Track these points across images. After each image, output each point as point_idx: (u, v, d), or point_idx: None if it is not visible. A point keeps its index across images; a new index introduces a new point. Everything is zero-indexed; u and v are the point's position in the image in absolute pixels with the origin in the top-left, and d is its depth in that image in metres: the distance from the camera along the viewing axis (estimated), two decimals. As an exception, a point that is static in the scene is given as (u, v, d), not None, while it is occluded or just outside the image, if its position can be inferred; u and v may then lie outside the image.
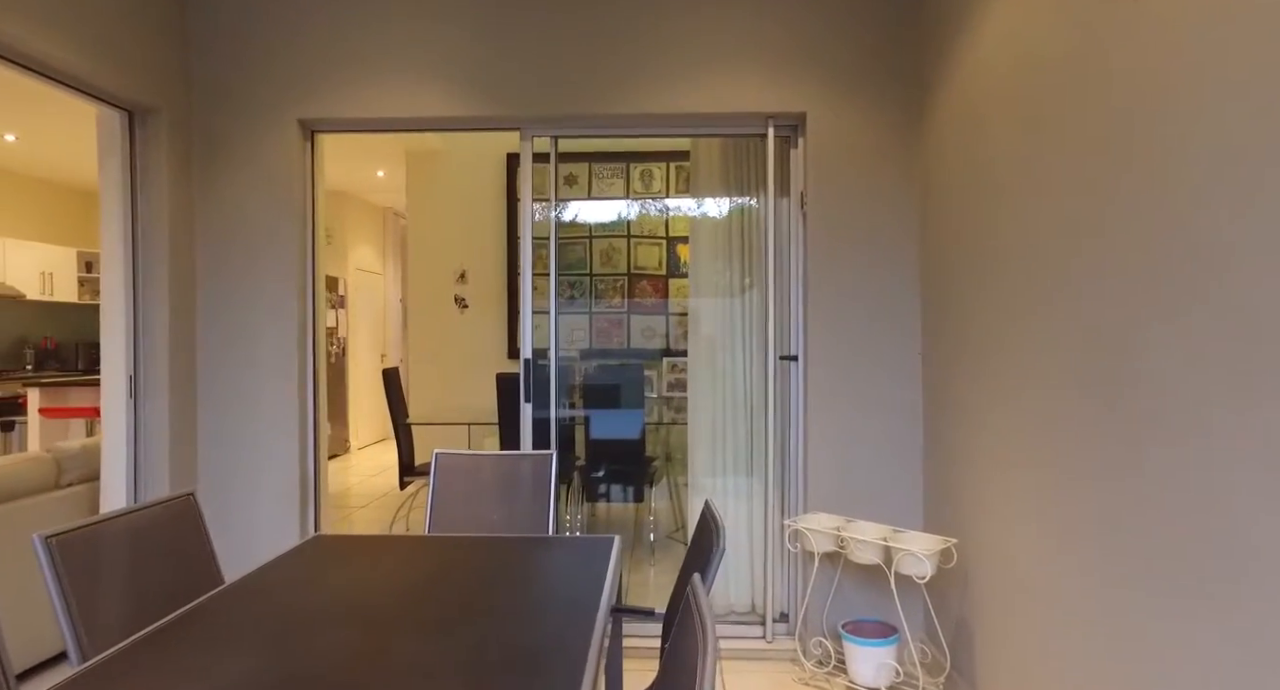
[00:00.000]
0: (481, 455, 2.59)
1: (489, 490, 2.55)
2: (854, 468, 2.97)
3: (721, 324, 3.34)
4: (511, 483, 2.55)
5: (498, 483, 2.56)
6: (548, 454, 2.56)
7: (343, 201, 7.90)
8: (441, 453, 2.58)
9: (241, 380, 3.04)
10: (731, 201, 3.35)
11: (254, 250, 3.04)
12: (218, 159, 3.04)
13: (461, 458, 2.58)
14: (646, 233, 6.23)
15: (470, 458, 2.58)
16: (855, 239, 2.97)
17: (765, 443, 3.13)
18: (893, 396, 2.96)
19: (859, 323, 2.97)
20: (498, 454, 2.59)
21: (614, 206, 6.17)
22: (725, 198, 3.36)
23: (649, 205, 6.21)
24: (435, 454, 2.58)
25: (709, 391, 3.35)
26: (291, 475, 3.04)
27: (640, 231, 6.21)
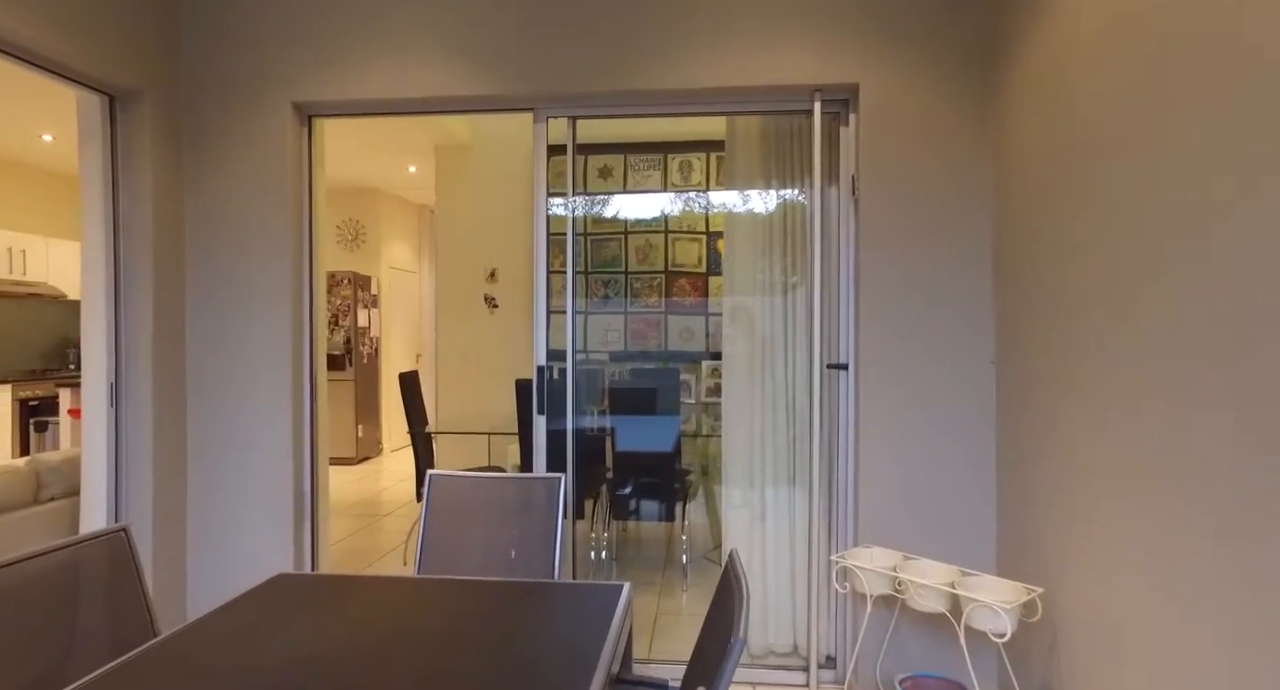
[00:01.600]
0: (481, 477, 2.27)
1: (488, 519, 2.23)
2: (913, 495, 2.56)
3: (760, 328, 2.97)
4: (515, 510, 2.23)
5: (499, 510, 2.24)
6: (555, 477, 2.23)
7: (375, 198, 7.74)
8: (435, 474, 2.27)
9: (233, 386, 2.79)
10: (771, 192, 2.97)
11: (246, 246, 2.79)
12: (208, 147, 2.79)
13: (458, 481, 2.27)
14: (685, 228, 5.87)
15: (468, 481, 2.27)
16: (915, 230, 2.56)
17: (810, 463, 2.74)
18: (960, 413, 2.54)
19: (920, 327, 2.56)
20: (500, 476, 2.27)
21: (651, 200, 5.83)
22: (764, 188, 2.98)
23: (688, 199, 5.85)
24: (429, 475, 2.27)
25: (745, 405, 2.97)
26: (284, 491, 2.78)
27: (678, 226, 5.86)
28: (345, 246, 7.77)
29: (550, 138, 2.84)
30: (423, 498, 3.97)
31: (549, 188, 2.92)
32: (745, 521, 3.00)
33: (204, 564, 2.79)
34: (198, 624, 1.55)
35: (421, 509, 2.25)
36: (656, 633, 3.20)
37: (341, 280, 7.16)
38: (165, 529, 2.68)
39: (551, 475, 2.24)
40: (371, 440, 7.49)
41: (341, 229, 7.77)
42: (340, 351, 7.14)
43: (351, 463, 7.10)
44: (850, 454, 2.70)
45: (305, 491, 2.86)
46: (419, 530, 2.23)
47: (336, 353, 7.14)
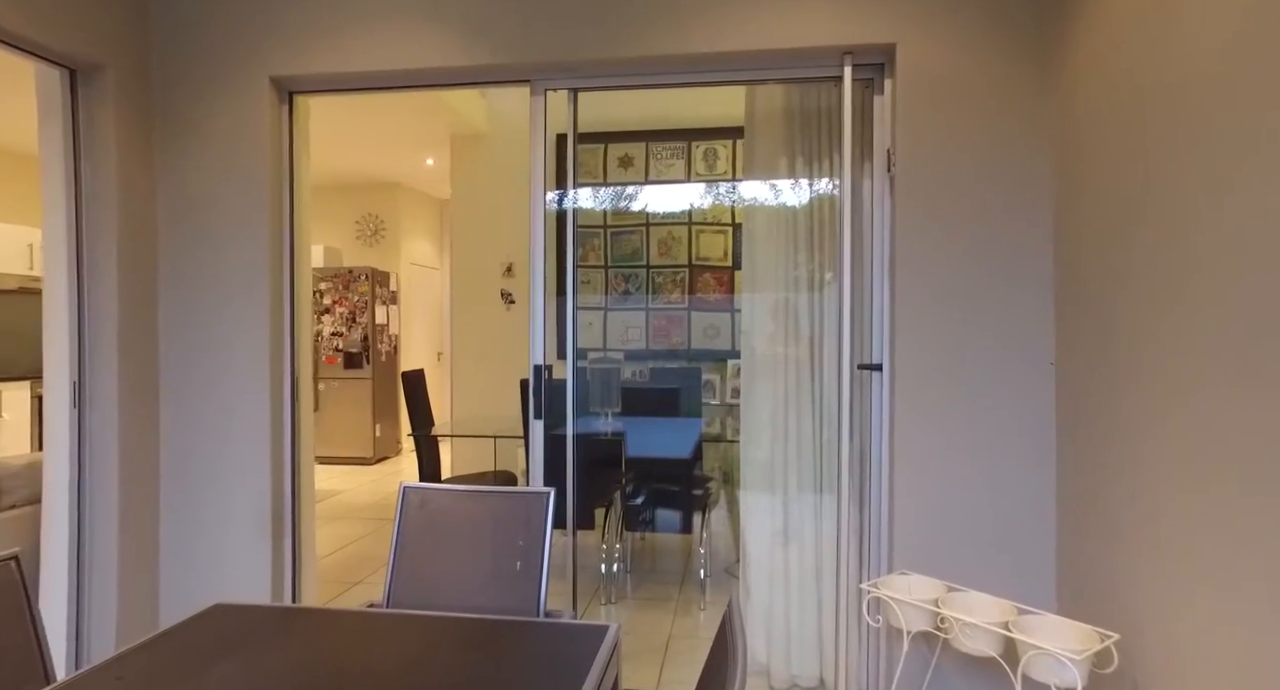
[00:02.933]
0: (462, 492, 2.01)
1: (469, 539, 1.97)
2: (957, 515, 2.23)
3: (783, 326, 2.66)
4: (498, 529, 1.96)
5: (481, 529, 1.97)
6: (544, 493, 1.95)
7: (395, 192, 7.57)
8: (410, 487, 2.02)
9: (209, 386, 2.58)
10: (794, 179, 2.65)
11: (219, 234, 2.57)
12: (180, 125, 2.58)
13: (436, 495, 2.01)
14: (710, 219, 5.57)
15: (448, 496, 2.01)
16: (960, 211, 2.23)
17: (839, 476, 2.43)
18: (1012, 422, 2.20)
19: (965, 322, 2.23)
20: (482, 490, 2.00)
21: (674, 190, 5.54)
22: (787, 175, 2.67)
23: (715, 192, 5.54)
24: (402, 488, 2.01)
25: (766, 410, 2.67)
26: (262, 500, 2.55)
27: (703, 218, 5.56)
28: (364, 242, 7.62)
29: (555, 119, 2.57)
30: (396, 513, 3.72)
31: (571, 178, 2.66)
32: (766, 537, 2.70)
33: (177, 579, 2.58)
34: (107, 665, 1.31)
35: (394, 527, 1.99)
36: (669, 657, 2.92)
37: (359, 276, 7.00)
38: (134, 540, 2.47)
39: (539, 490, 1.96)
40: (390, 440, 7.32)
41: (360, 224, 7.62)
42: (358, 349, 6.99)
43: (369, 463, 6.94)
44: (884, 466, 2.38)
45: (286, 500, 2.64)
46: (390, 549, 1.98)
47: (354, 350, 6.98)
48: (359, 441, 6.94)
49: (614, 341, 5.42)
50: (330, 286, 7.02)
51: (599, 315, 5.44)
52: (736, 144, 5.49)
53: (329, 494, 5.74)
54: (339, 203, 7.66)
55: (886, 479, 2.37)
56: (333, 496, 5.66)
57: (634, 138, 5.61)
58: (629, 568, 3.91)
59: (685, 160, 5.57)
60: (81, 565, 2.41)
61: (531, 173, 2.59)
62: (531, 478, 2.57)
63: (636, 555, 4.14)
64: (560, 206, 2.83)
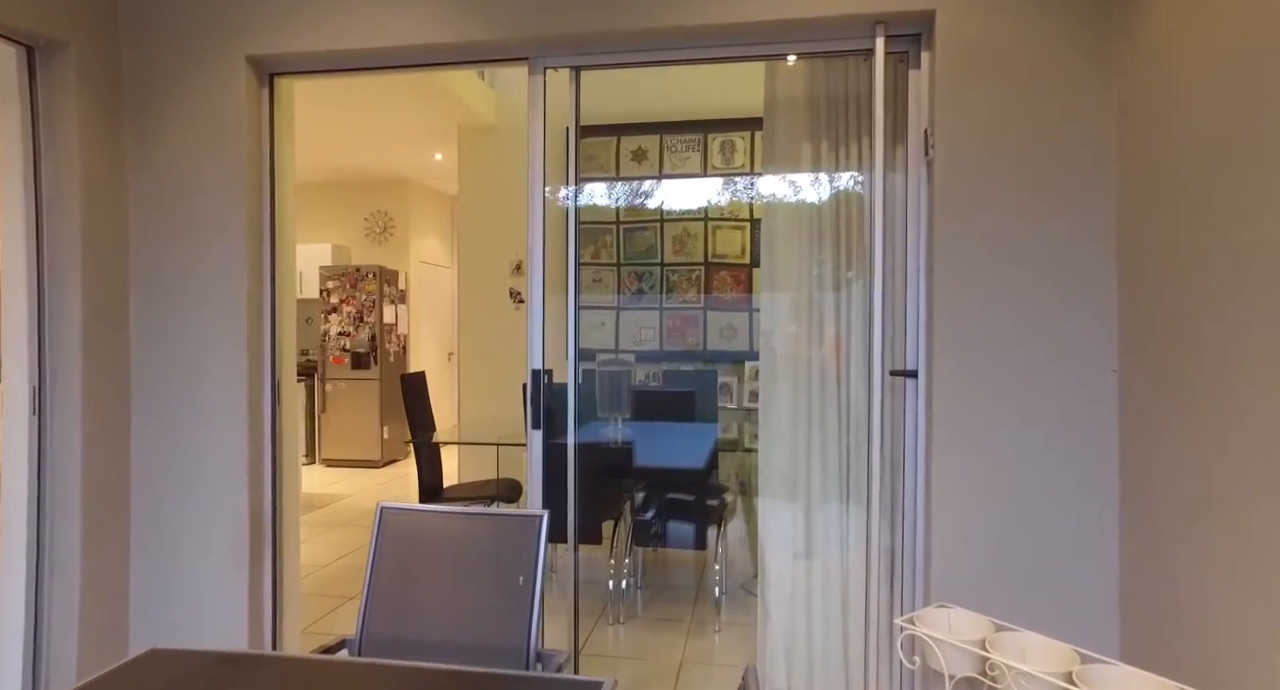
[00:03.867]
0: (444, 514, 1.79)
1: (452, 568, 1.75)
2: (1003, 540, 1.98)
3: (806, 329, 2.42)
4: (486, 557, 1.74)
5: (466, 556, 1.75)
6: (535, 516, 1.73)
7: (405, 189, 7.40)
8: (388, 508, 1.80)
9: (182, 392, 2.39)
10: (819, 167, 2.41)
11: (194, 227, 2.38)
12: (151, 110, 2.39)
13: (416, 518, 1.79)
14: (727, 215, 5.33)
15: (429, 518, 1.79)
16: (1008, 200, 1.98)
17: (868, 495, 2.19)
18: (1068, 436, 1.95)
19: (1013, 324, 1.98)
20: (469, 513, 1.79)
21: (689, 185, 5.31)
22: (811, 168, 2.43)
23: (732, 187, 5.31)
24: (379, 509, 1.80)
25: (786, 417, 2.43)
26: (237, 516, 2.35)
27: (720, 213, 5.32)
28: (373, 239, 7.46)
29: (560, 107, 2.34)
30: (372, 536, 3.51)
31: (579, 172, 2.45)
32: (786, 554, 2.46)
33: (149, 603, 2.39)
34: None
35: (369, 552, 1.78)
36: (680, 685, 2.69)
37: (367, 274, 6.83)
38: (100, 561, 2.29)
39: (531, 513, 1.74)
40: (398, 442, 7.16)
41: (369, 221, 7.46)
42: (365, 349, 6.82)
43: (376, 466, 6.77)
44: (918, 482, 2.13)
45: (266, 516, 2.44)
46: (364, 580, 1.77)
47: (361, 350, 6.82)
48: (366, 444, 6.77)
49: (626, 342, 5.20)
50: (337, 285, 6.87)
51: (611, 315, 5.23)
52: (755, 135, 5.25)
53: (333, 498, 5.57)
54: (347, 200, 7.50)
55: (921, 496, 2.12)
56: (336, 501, 5.49)
57: (647, 130, 5.39)
58: (640, 583, 3.69)
59: (701, 153, 5.34)
60: (40, 589, 2.22)
61: (530, 162, 2.37)
62: (530, 492, 2.36)
63: (648, 568, 3.91)
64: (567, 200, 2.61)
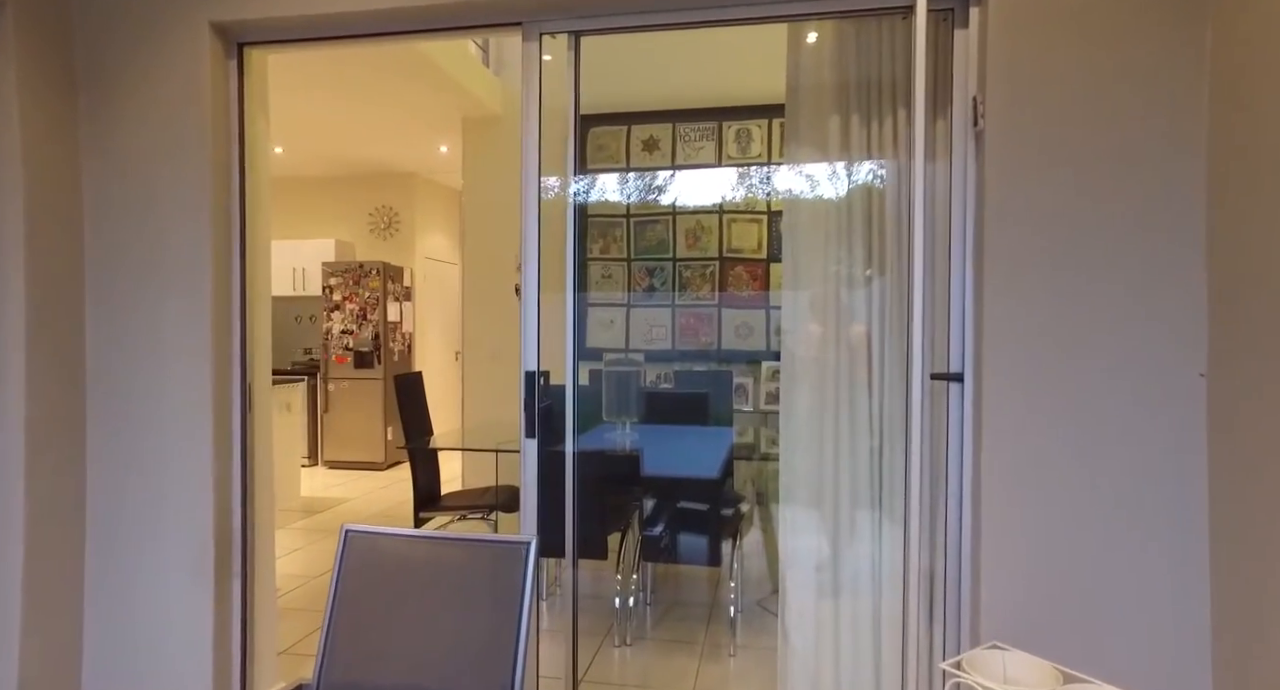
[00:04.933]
0: (417, 539, 1.55)
1: (427, 600, 1.51)
2: (1068, 571, 1.71)
3: (832, 326, 2.16)
4: (463, 589, 1.50)
5: (441, 588, 1.51)
6: (521, 543, 1.49)
7: (410, 183, 7.19)
8: (354, 532, 1.56)
9: (145, 403, 2.16)
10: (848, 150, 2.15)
11: (153, 215, 2.15)
12: (106, 82, 2.16)
13: (385, 543, 1.55)
14: (743, 207, 5.06)
15: (400, 544, 1.55)
16: (1074, 174, 1.71)
17: (906, 513, 1.93)
18: (1143, 449, 1.68)
19: (1079, 322, 1.71)
20: (446, 538, 1.54)
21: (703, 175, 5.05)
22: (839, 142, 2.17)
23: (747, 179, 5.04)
24: (343, 533, 1.56)
25: (809, 424, 2.17)
26: (201, 534, 2.13)
27: (735, 206, 5.06)
28: (378, 235, 7.26)
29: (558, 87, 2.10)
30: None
31: (587, 162, 2.21)
32: (810, 574, 2.20)
33: (106, 628, 2.17)
34: None
35: (330, 582, 1.54)
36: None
37: (370, 271, 6.63)
38: (47, 581, 2.07)
39: (517, 540, 1.50)
40: (402, 444, 6.95)
41: (374, 216, 7.25)
42: (368, 348, 6.62)
43: (379, 468, 6.57)
44: (964, 502, 1.87)
45: (235, 534, 2.21)
46: (325, 613, 1.53)
47: (365, 349, 6.62)
48: (369, 445, 6.57)
49: (636, 341, 4.95)
50: (340, 282, 6.67)
51: (620, 312, 4.98)
52: (773, 123, 4.98)
53: (333, 502, 5.37)
54: (351, 194, 7.31)
55: (967, 516, 1.86)
56: (337, 505, 5.29)
57: (659, 118, 5.14)
58: (649, 599, 3.44)
59: (716, 142, 5.07)
60: (-18, 612, 2.01)
61: (524, 143, 2.12)
62: (524, 509, 2.11)
63: (659, 582, 3.66)
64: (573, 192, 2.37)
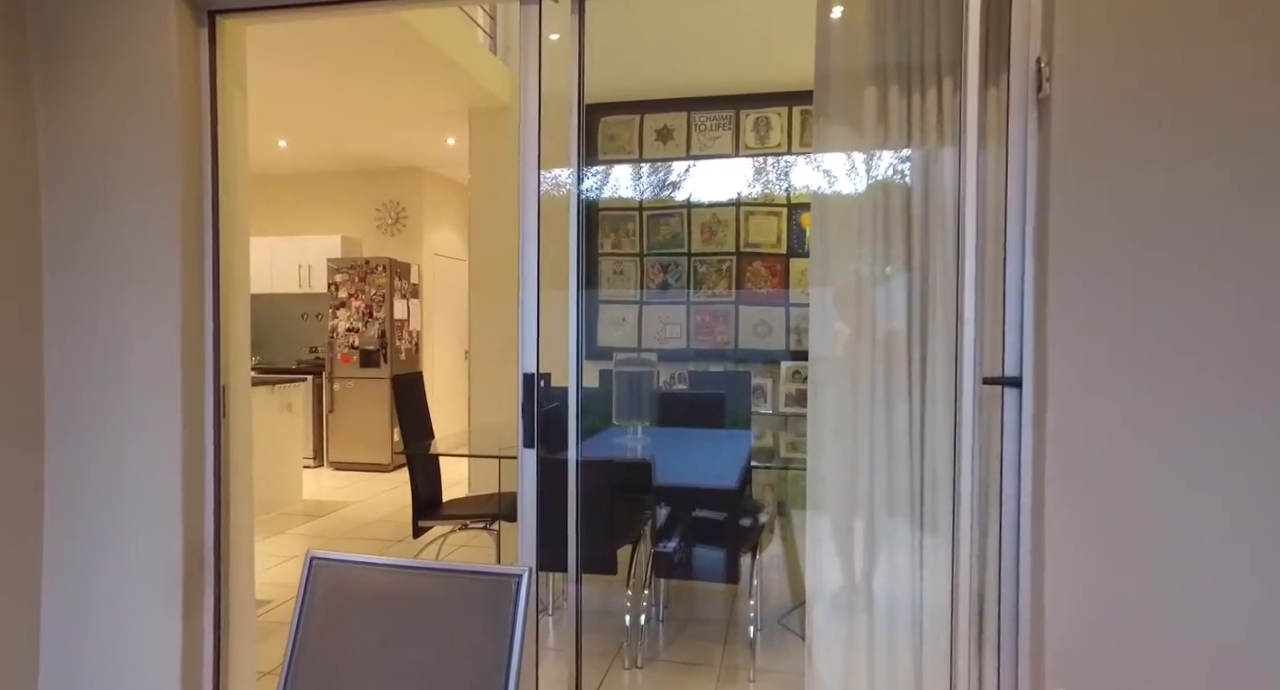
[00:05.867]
0: (392, 568, 1.34)
1: (399, 641, 1.30)
2: (1154, 603, 1.47)
3: (867, 326, 1.93)
4: (444, 628, 1.29)
5: (418, 627, 1.30)
6: (511, 576, 1.27)
7: (417, 178, 7.01)
8: (319, 560, 1.36)
9: (109, 406, 1.97)
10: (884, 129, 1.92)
11: (116, 198, 1.96)
12: (65, 54, 1.97)
13: (356, 573, 1.35)
14: (762, 200, 4.83)
15: (373, 574, 1.34)
16: (1163, 145, 1.47)
17: (954, 535, 1.70)
18: (1255, 463, 1.44)
19: (1169, 321, 1.47)
20: (423, 569, 1.33)
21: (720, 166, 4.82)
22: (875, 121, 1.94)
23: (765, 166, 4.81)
24: (309, 560, 1.36)
25: (843, 436, 1.94)
26: (168, 552, 1.94)
27: (753, 198, 4.83)
28: (385, 230, 7.08)
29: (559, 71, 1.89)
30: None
31: (598, 153, 2.00)
32: (840, 600, 1.98)
33: (65, 652, 1.98)
34: None
35: (293, 618, 1.33)
36: (708, 756, 2.22)
37: (376, 267, 6.45)
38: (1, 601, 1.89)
39: (507, 571, 1.28)
40: (410, 444, 6.77)
41: (381, 212, 7.08)
42: (374, 346, 6.45)
43: (385, 470, 6.40)
44: (1024, 523, 1.63)
45: (207, 553, 2.02)
46: (285, 652, 1.32)
47: (371, 348, 6.45)
48: (375, 446, 6.40)
49: (649, 340, 4.73)
50: (346, 278, 6.50)
51: (632, 310, 4.76)
52: (794, 111, 4.74)
53: (335, 506, 5.19)
54: (357, 189, 7.14)
55: (1027, 539, 1.62)
56: (339, 509, 5.11)
57: (673, 106, 4.91)
58: (661, 615, 3.22)
59: (733, 131, 4.83)
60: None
61: (523, 123, 1.92)
62: (522, 525, 1.90)
63: (671, 597, 3.44)
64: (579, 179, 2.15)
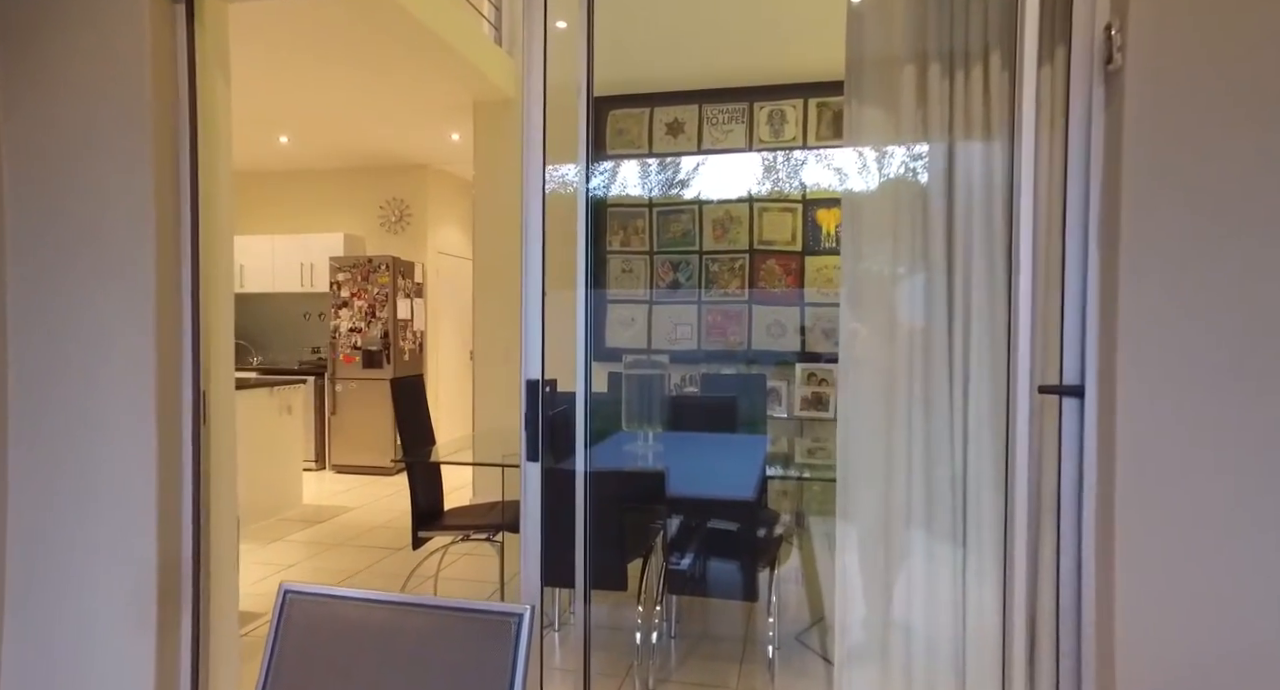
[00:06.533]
0: (377, 604, 1.18)
1: (385, 686, 1.14)
2: (1245, 645, 1.30)
3: (902, 330, 1.75)
4: (435, 672, 1.13)
5: (403, 670, 1.14)
6: (510, 615, 1.11)
7: (422, 175, 6.86)
8: (293, 593, 1.19)
9: (77, 410, 1.82)
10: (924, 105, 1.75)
11: (86, 185, 1.81)
12: (28, 33, 1.82)
13: (336, 608, 1.18)
14: (776, 196, 4.66)
15: (354, 610, 1.18)
16: (1258, 120, 1.29)
17: (1009, 554, 1.52)
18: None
19: (1252, 318, 1.29)
20: (410, 604, 1.17)
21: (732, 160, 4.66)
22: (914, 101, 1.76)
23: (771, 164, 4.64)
24: (281, 593, 1.20)
25: (877, 451, 1.77)
26: (142, 571, 1.78)
27: (767, 194, 4.66)
28: (388, 229, 6.94)
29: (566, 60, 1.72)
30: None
31: (606, 148, 1.84)
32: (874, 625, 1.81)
33: (28, 679, 1.83)
34: None
35: (263, 659, 1.17)
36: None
37: (379, 265, 6.31)
38: (-39, 625, 1.74)
39: (507, 609, 1.12)
40: (413, 447, 6.63)
41: (384, 209, 6.94)
42: (377, 347, 6.30)
43: (389, 473, 6.25)
44: (1085, 544, 1.46)
45: (185, 571, 1.86)
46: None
47: (374, 348, 6.30)
48: (378, 449, 6.26)
49: (659, 341, 4.57)
50: (348, 277, 6.36)
51: (642, 309, 4.60)
52: (808, 102, 4.57)
53: (336, 511, 5.05)
54: (360, 186, 7.00)
55: (1089, 561, 1.45)
56: (340, 514, 4.97)
57: (684, 99, 4.74)
58: (673, 632, 3.05)
59: (746, 124, 4.66)
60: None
61: (526, 114, 1.75)
62: (525, 547, 1.74)
63: (683, 612, 3.28)
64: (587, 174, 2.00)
